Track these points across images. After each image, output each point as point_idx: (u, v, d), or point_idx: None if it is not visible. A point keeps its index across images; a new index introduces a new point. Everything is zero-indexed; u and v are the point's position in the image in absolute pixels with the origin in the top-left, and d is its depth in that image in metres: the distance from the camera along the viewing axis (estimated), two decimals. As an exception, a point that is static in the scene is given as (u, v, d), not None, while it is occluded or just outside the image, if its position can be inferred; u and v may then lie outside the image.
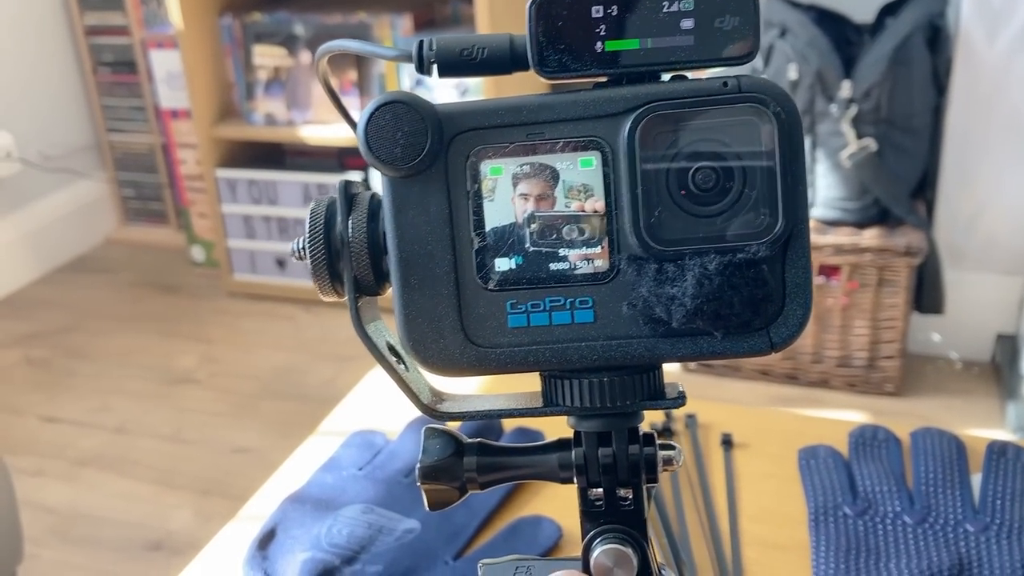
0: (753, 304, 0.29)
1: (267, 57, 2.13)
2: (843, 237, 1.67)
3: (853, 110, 1.64)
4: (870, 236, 1.66)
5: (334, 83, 1.96)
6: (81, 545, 1.55)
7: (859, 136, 1.65)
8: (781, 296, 0.29)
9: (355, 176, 2.11)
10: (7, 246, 2.37)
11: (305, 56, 2.10)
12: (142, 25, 2.38)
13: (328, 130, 2.08)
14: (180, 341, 2.11)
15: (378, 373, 0.84)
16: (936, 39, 1.67)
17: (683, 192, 0.29)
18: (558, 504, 0.65)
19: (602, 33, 0.30)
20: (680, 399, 0.31)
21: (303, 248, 0.33)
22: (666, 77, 0.31)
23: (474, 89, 1.83)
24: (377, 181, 0.32)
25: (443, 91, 1.84)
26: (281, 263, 2.24)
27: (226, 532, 0.69)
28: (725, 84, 0.29)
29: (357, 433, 0.77)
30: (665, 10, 0.29)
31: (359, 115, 0.31)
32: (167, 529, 1.57)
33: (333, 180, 2.13)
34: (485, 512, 0.66)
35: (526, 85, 1.61)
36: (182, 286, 2.37)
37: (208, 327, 2.17)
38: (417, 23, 2.02)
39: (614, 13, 0.29)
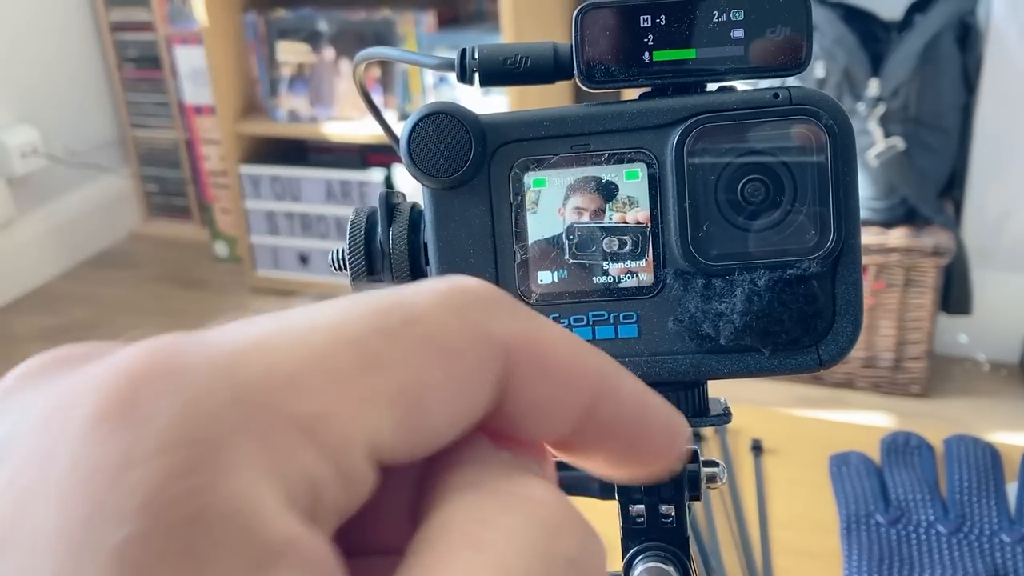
0: (803, 321, 0.28)
1: (291, 53, 2.14)
2: (870, 237, 1.65)
3: (881, 108, 1.62)
4: (897, 236, 1.64)
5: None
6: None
7: (887, 135, 1.63)
8: (831, 312, 0.29)
9: (378, 174, 2.11)
10: (32, 240, 2.39)
11: (328, 52, 2.10)
12: (167, 21, 2.39)
13: (351, 127, 2.08)
14: (203, 336, 2.12)
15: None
16: (966, 37, 1.65)
17: (732, 206, 0.29)
18: (588, 510, 0.65)
19: (650, 43, 0.29)
20: (726, 416, 0.31)
21: (343, 259, 0.32)
22: (714, 87, 0.30)
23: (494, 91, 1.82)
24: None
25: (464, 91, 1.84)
26: (304, 259, 2.24)
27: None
28: (776, 95, 0.29)
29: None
30: (715, 20, 0.29)
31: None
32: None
33: (356, 177, 2.13)
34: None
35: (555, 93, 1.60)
36: (205, 281, 2.39)
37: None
38: (441, 20, 2.02)
39: (663, 23, 0.29)
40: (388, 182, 2.12)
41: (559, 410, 0.16)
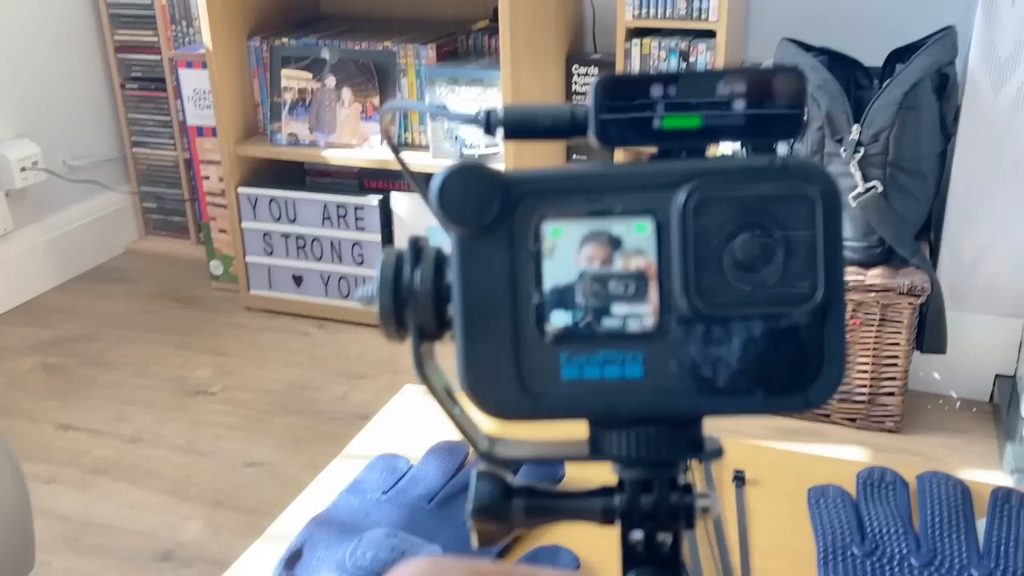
0: (794, 367, 0.31)
1: (293, 80, 2.17)
2: (848, 276, 1.69)
3: (861, 152, 1.67)
4: (874, 275, 1.69)
5: (357, 107, 2.00)
6: (92, 554, 1.57)
7: (866, 178, 1.67)
8: (819, 360, 0.32)
9: (374, 198, 2.15)
10: (29, 253, 2.40)
11: (330, 80, 2.14)
12: (171, 44, 2.43)
13: (349, 152, 2.12)
14: (196, 353, 2.13)
15: (400, 398, 0.86)
16: (944, 87, 1.71)
17: (731, 260, 0.32)
18: (576, 534, 0.67)
19: (660, 110, 0.33)
20: (719, 452, 0.34)
21: (373, 296, 0.35)
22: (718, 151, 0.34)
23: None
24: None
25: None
26: (298, 280, 2.27)
27: (253, 550, 0.71)
28: (773, 162, 0.32)
29: (381, 457, 0.78)
30: (719, 92, 0.32)
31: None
32: (177, 540, 1.59)
33: (353, 201, 2.16)
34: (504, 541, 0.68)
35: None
36: (200, 299, 2.40)
37: (224, 341, 2.20)
38: (440, 53, 2.06)
39: (672, 93, 0.32)
40: (385, 205, 2.15)
41: None
